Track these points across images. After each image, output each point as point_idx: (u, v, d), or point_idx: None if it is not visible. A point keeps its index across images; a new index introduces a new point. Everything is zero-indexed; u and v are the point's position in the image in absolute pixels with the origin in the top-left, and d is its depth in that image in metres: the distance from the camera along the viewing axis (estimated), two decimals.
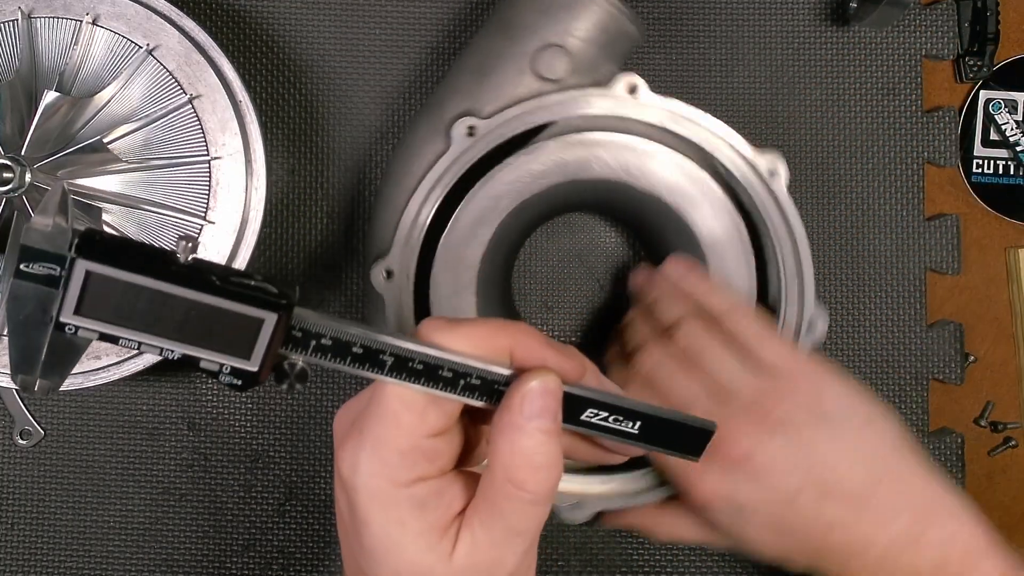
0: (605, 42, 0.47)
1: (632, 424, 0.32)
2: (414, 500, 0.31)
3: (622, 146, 0.47)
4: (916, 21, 0.56)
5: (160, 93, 0.48)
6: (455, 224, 0.47)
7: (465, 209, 0.47)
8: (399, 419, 0.30)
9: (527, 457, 0.30)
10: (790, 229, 0.47)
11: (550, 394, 0.31)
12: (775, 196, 0.47)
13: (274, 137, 0.56)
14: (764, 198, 0.47)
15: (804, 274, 0.47)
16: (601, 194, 0.49)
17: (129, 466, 0.55)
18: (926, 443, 0.55)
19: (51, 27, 0.48)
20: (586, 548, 0.55)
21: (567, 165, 0.47)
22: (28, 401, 0.55)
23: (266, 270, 0.55)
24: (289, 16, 0.56)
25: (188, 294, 0.27)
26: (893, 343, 0.55)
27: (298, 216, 0.56)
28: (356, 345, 0.29)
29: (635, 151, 0.47)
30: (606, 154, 0.47)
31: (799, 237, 0.47)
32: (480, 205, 0.47)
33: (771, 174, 0.47)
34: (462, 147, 0.46)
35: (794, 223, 0.47)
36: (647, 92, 0.47)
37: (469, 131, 0.46)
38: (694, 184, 0.47)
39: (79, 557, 0.55)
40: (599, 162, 0.47)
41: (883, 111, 0.56)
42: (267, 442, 0.55)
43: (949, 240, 0.55)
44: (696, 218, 0.47)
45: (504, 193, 0.47)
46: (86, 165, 0.47)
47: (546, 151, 0.47)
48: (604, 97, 0.46)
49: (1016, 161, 0.58)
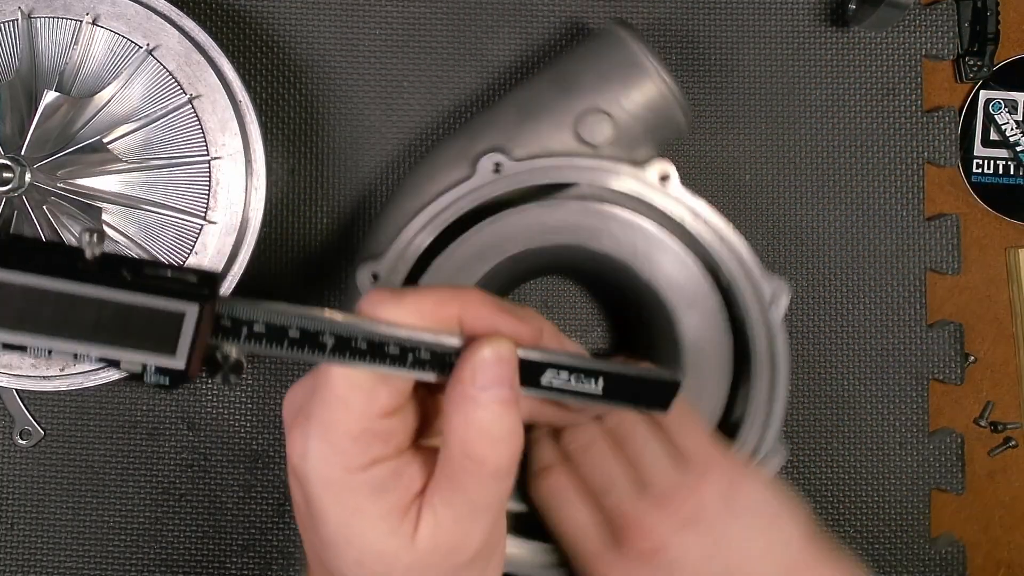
0: (652, 123, 0.47)
1: (595, 383, 0.31)
2: (370, 484, 0.29)
3: (638, 228, 0.46)
4: (916, 21, 0.56)
5: (160, 93, 0.48)
6: (454, 251, 0.46)
7: (468, 240, 0.46)
8: (347, 402, 0.29)
9: (484, 430, 0.29)
10: (774, 363, 0.46)
11: (504, 362, 0.29)
12: (768, 324, 0.46)
13: (274, 137, 0.56)
14: (758, 322, 0.46)
15: (775, 408, 0.46)
16: (605, 269, 0.48)
17: (129, 466, 0.55)
18: (926, 443, 0.55)
19: (51, 27, 0.48)
20: None
21: (580, 229, 0.46)
22: (28, 401, 0.55)
23: (266, 270, 0.55)
24: (289, 16, 0.56)
25: (98, 292, 0.25)
26: (893, 343, 0.55)
27: (298, 216, 0.56)
28: (292, 328, 0.28)
29: (648, 238, 0.46)
30: (619, 231, 0.46)
31: (781, 372, 0.46)
32: (484, 240, 0.46)
33: (772, 300, 0.46)
34: (484, 180, 0.46)
35: (780, 356, 0.46)
36: (677, 184, 0.46)
37: (496, 167, 0.46)
38: (695, 287, 0.46)
39: (79, 557, 0.55)
40: (610, 237, 0.46)
41: (883, 111, 0.56)
42: (267, 442, 0.55)
43: (949, 240, 0.55)
44: (686, 321, 0.47)
45: (510, 237, 0.46)
46: (86, 165, 0.47)
47: (563, 209, 0.46)
48: (635, 178, 0.46)
49: (1016, 161, 0.58)
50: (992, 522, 0.57)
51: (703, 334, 0.47)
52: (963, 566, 0.54)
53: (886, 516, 0.54)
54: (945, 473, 0.55)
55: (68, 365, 0.48)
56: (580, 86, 0.47)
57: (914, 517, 0.55)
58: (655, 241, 0.46)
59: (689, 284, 0.47)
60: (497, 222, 0.46)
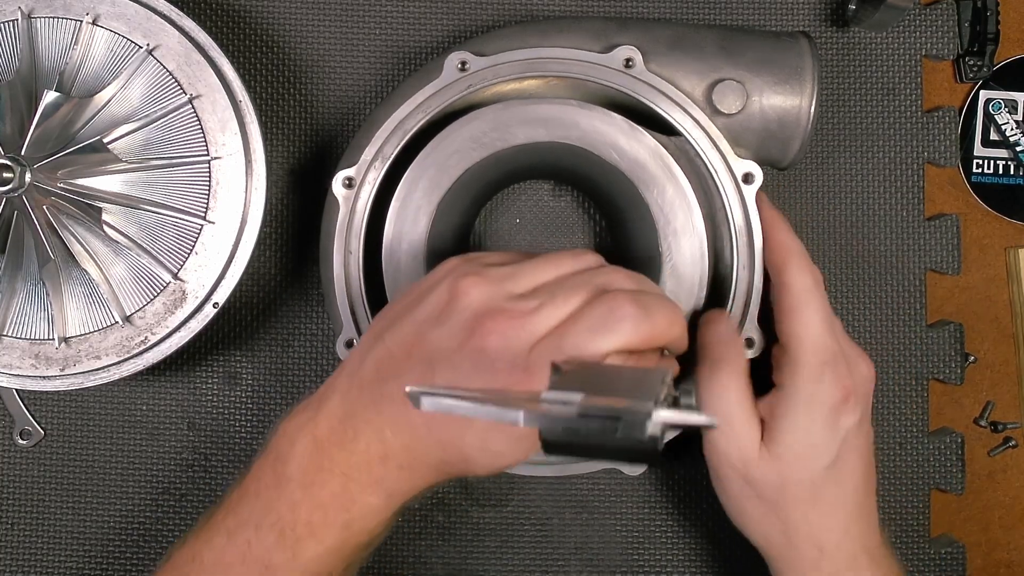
0: (771, 130, 0.48)
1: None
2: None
3: (601, 116, 0.47)
4: (916, 21, 0.56)
5: (160, 93, 0.48)
6: (428, 153, 0.47)
7: (438, 143, 0.47)
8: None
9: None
10: (751, 236, 0.47)
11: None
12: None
13: (274, 137, 0.56)
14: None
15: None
16: (580, 164, 0.49)
17: (129, 466, 0.55)
18: (926, 443, 0.55)
19: (51, 27, 0.48)
20: (586, 548, 0.55)
21: (548, 122, 0.47)
22: (28, 401, 0.55)
23: (266, 270, 0.55)
24: (289, 16, 0.56)
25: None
26: (893, 343, 0.55)
27: (298, 215, 0.56)
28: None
29: (611, 123, 0.47)
30: (584, 122, 0.47)
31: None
32: (456, 144, 0.47)
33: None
34: (613, 69, 0.47)
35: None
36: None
37: (627, 63, 0.47)
38: (661, 168, 0.47)
39: (79, 557, 0.55)
40: (578, 129, 0.47)
41: (883, 111, 0.56)
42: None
43: (949, 240, 0.55)
44: (653, 198, 0.47)
45: (483, 134, 0.47)
46: (86, 165, 0.47)
47: (536, 106, 0.47)
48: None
49: (1016, 161, 0.58)
50: (992, 522, 0.57)
51: (677, 211, 0.47)
52: (963, 566, 0.54)
53: (886, 516, 0.54)
54: (945, 473, 0.55)
55: (68, 365, 0.48)
56: (740, 54, 0.47)
57: (914, 517, 0.55)
58: (618, 127, 0.47)
59: (655, 165, 0.47)
60: (470, 123, 0.47)
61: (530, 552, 0.55)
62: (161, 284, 0.48)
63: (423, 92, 0.47)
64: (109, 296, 0.48)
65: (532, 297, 0.38)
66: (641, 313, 0.37)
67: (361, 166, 0.47)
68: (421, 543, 0.55)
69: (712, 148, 0.47)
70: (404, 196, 0.47)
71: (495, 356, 0.37)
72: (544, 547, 0.55)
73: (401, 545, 0.55)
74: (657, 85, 0.47)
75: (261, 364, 0.55)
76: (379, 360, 0.39)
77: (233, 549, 0.39)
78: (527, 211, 0.55)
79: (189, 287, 0.48)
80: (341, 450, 0.38)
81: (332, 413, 0.39)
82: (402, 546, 0.55)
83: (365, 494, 0.39)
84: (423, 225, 0.47)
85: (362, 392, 0.39)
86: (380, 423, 0.38)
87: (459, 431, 0.38)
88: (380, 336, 0.40)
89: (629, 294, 0.38)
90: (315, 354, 0.55)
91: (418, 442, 0.38)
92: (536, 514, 0.55)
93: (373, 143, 0.47)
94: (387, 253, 0.47)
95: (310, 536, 0.39)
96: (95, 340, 0.48)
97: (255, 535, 0.39)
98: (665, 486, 0.55)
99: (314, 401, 0.40)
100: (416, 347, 0.38)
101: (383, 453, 0.38)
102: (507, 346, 0.37)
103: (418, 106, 0.47)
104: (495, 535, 0.55)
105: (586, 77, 0.47)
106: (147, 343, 0.48)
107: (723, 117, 0.47)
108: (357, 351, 0.41)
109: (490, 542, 0.55)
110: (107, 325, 0.48)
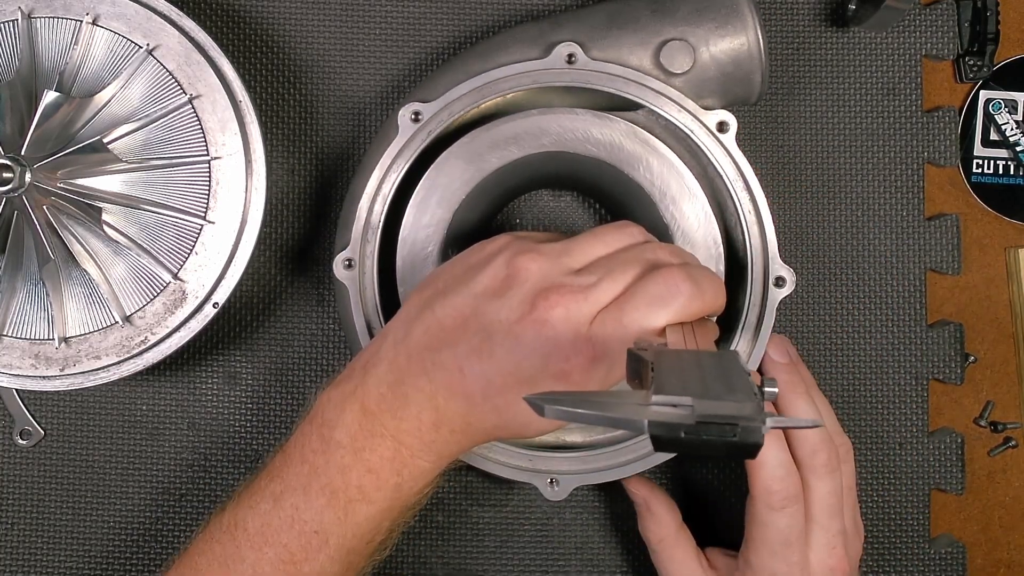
0: (729, 75, 0.48)
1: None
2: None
3: (567, 116, 0.47)
4: (916, 21, 0.56)
5: (160, 93, 0.48)
6: (412, 210, 0.47)
7: (420, 196, 0.47)
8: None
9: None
10: (745, 180, 0.47)
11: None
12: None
13: (274, 137, 0.56)
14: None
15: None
16: (562, 168, 0.49)
17: (129, 466, 0.55)
18: (926, 443, 0.55)
19: (51, 27, 0.48)
20: (586, 548, 0.55)
21: (518, 138, 0.47)
22: (28, 401, 0.55)
23: (266, 270, 0.55)
24: (289, 16, 0.56)
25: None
26: (893, 343, 0.55)
27: (298, 216, 0.56)
28: None
29: (577, 118, 0.47)
30: (553, 127, 0.47)
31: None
32: (435, 191, 0.47)
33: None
34: (555, 65, 0.47)
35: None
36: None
37: (570, 57, 0.47)
38: (639, 144, 0.47)
39: (79, 557, 0.55)
40: (548, 136, 0.47)
41: (883, 111, 0.56)
42: (267, 442, 0.55)
43: (949, 240, 0.55)
44: (642, 175, 0.47)
45: (458, 176, 0.47)
46: (86, 165, 0.47)
47: (501, 127, 0.47)
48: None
49: (1016, 161, 0.58)
50: (992, 522, 0.57)
51: (668, 180, 0.47)
52: (963, 566, 0.54)
53: (886, 516, 0.54)
54: (945, 473, 0.55)
55: (68, 365, 0.48)
56: (674, 13, 0.47)
57: (914, 517, 0.55)
58: (582, 119, 0.47)
59: (631, 144, 0.47)
60: (440, 168, 0.47)
61: (530, 552, 0.55)
62: (161, 284, 0.48)
63: (388, 154, 0.47)
64: (109, 296, 0.48)
65: (589, 272, 0.40)
66: (694, 287, 0.39)
67: (354, 245, 0.47)
68: (421, 543, 0.55)
69: (679, 110, 0.47)
70: (410, 223, 0.48)
71: (558, 329, 0.38)
72: (544, 547, 0.55)
73: (401, 545, 0.55)
74: (604, 69, 0.47)
75: (261, 364, 0.55)
76: (429, 329, 0.40)
77: (280, 513, 0.40)
78: (527, 211, 0.55)
79: (189, 287, 0.48)
80: (392, 416, 0.39)
81: (381, 380, 0.40)
82: (402, 546, 0.55)
83: (416, 458, 0.40)
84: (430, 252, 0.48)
85: (410, 360, 0.39)
86: (432, 390, 0.39)
87: (515, 397, 0.38)
88: (429, 305, 0.40)
89: (681, 268, 0.40)
90: (315, 354, 0.55)
91: (473, 408, 0.39)
92: (536, 514, 0.55)
93: (358, 219, 0.47)
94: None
95: (361, 499, 0.40)
96: (95, 340, 0.48)
97: (303, 499, 0.40)
98: (665, 486, 0.55)
99: (358, 369, 0.41)
100: (472, 319, 0.39)
101: (435, 419, 0.39)
102: (569, 319, 0.38)
103: (387, 170, 0.47)
104: (495, 535, 0.55)
105: (536, 84, 0.47)
106: (147, 343, 0.48)
107: (678, 77, 0.47)
108: (401, 319, 0.41)
109: (490, 542, 0.55)
110: (107, 325, 0.48)
